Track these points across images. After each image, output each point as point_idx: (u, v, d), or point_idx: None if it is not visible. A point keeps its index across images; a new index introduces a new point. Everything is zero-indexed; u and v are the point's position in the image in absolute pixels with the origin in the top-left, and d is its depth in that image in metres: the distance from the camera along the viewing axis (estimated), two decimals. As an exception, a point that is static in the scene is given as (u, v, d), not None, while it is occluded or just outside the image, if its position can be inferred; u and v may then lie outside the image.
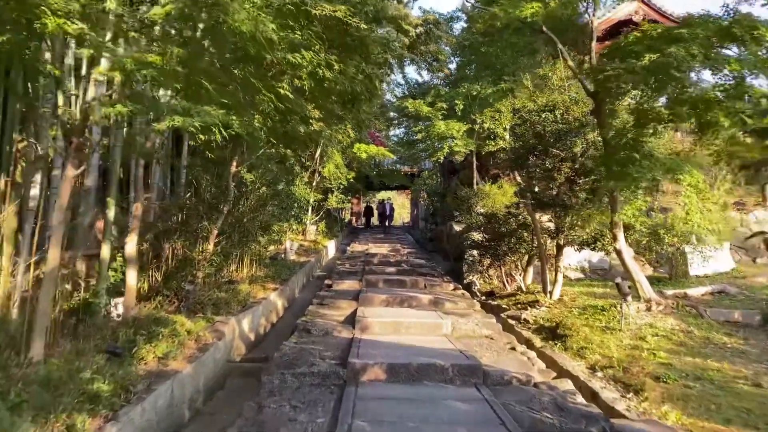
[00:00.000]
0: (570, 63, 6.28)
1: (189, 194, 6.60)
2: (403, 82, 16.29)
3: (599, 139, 7.25)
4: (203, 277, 6.30)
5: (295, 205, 12.14)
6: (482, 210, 12.22)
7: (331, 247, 15.35)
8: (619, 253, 6.43)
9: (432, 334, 5.37)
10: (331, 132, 6.96)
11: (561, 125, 7.44)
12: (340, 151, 14.04)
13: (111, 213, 4.85)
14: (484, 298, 9.25)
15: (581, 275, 11.07)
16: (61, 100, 3.21)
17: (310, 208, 14.44)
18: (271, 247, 11.12)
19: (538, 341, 5.97)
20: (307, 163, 14.00)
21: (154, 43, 3.42)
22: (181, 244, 6.19)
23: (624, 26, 15.36)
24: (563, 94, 7.85)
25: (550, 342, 5.87)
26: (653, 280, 9.13)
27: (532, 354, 4.90)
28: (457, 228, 13.92)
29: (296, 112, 4.96)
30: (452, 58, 14.56)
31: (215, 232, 6.31)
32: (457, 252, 12.75)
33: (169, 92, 3.99)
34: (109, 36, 3.08)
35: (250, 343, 6.11)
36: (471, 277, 10.60)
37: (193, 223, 6.20)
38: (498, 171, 16.10)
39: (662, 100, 6.01)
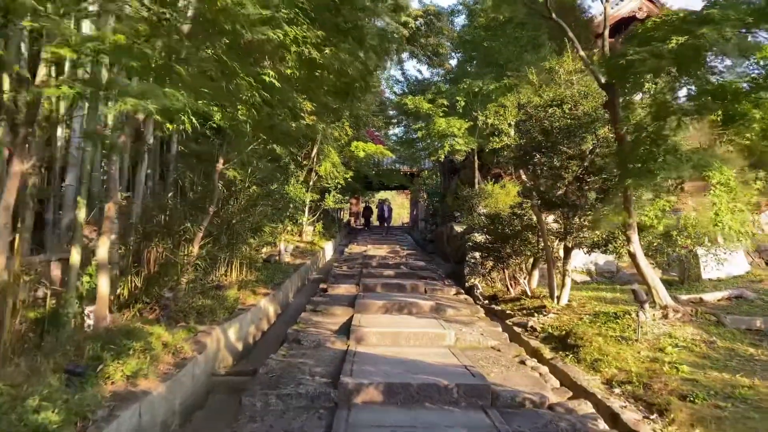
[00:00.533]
0: (581, 53, 5.85)
1: (171, 193, 6.15)
2: (402, 79, 15.85)
3: (611, 135, 6.85)
4: (187, 282, 5.87)
5: (291, 205, 11.71)
6: (484, 210, 11.81)
7: (328, 249, 14.92)
8: (633, 256, 5.99)
9: (434, 346, 4.93)
10: (325, 125, 6.53)
11: (569, 120, 7.02)
12: (337, 149, 13.60)
13: (81, 214, 4.41)
14: (486, 302, 8.85)
15: (587, 278, 10.67)
16: (6, 84, 2.77)
17: (306, 209, 14.01)
18: (266, 249, 10.71)
19: (547, 352, 5.54)
20: (304, 162, 13.57)
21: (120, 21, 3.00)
22: (164, 248, 5.76)
23: (627, 23, 14.99)
24: (571, 88, 7.42)
25: (561, 353, 5.44)
26: (664, 284, 8.71)
27: (544, 369, 4.46)
28: (458, 229, 13.51)
29: (285, 104, 4.53)
30: (453, 54, 14.14)
31: (200, 234, 5.87)
32: (458, 254, 12.33)
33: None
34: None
35: (237, 353, 5.68)
36: (473, 281, 10.19)
37: (176, 225, 5.77)
38: (500, 170, 15.71)
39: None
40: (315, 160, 13.46)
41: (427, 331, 5.14)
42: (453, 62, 14.56)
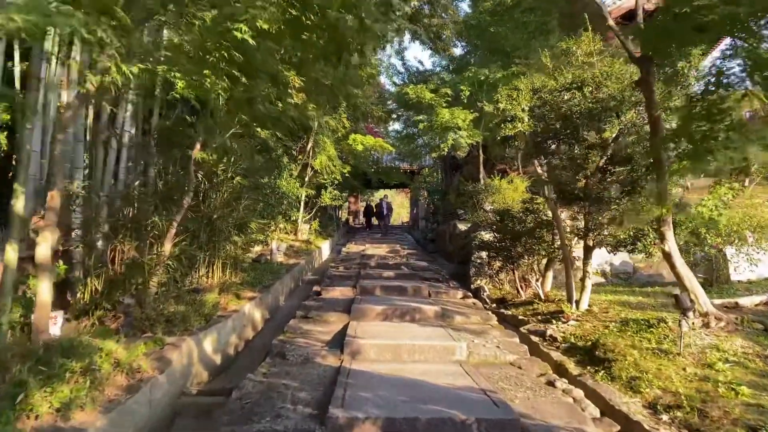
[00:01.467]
0: (611, 21, 5.12)
1: (138, 182, 5.39)
2: (402, 69, 15.07)
3: (639, 119, 6.11)
4: (158, 285, 5.11)
5: (285, 201, 10.95)
6: (490, 207, 11.07)
7: (325, 248, 14.16)
8: (668, 256, 5.25)
9: (442, 362, 4.17)
10: (317, 107, 5.75)
11: (591, 104, 6.27)
12: (333, 141, 12.80)
13: (19, 204, 3.65)
14: (494, 305, 8.13)
15: (602, 279, 9.95)
16: None
17: (302, 206, 13.24)
18: (257, 248, 9.97)
19: (572, 366, 4.79)
20: (299, 157, 12.80)
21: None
22: (130, 245, 5.00)
23: (633, 15, 14.34)
24: (592, 69, 6.67)
25: (589, 368, 4.69)
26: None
27: (579, 393, 3.71)
28: (462, 227, 12.79)
29: (266, 73, 3.77)
30: (457, 42, 13.37)
31: (173, 230, 5.12)
32: (462, 253, 11.58)
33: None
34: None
35: (214, 367, 4.92)
36: (479, 282, 9.46)
37: (145, 219, 5.01)
38: (505, 166, 14.96)
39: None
40: (311, 153, 12.69)
41: (434, 343, 4.37)
42: (457, 50, 13.83)
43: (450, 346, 4.32)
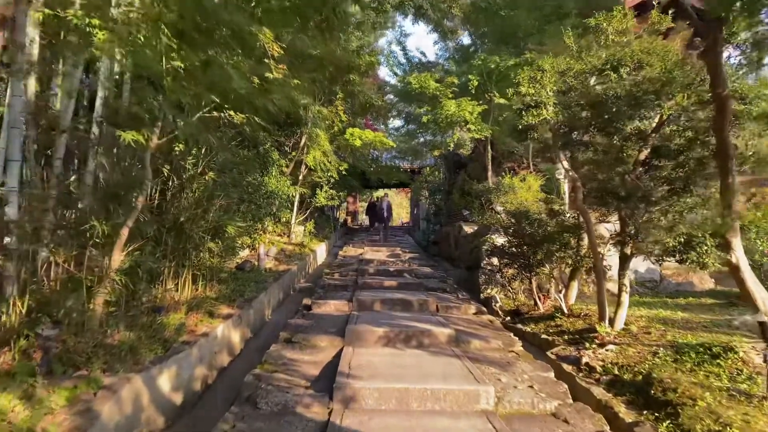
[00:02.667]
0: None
1: (73, 177, 4.38)
2: (404, 60, 14.07)
3: (689, 103, 5.13)
4: (105, 305, 4.11)
5: (276, 201, 9.94)
6: (500, 207, 10.10)
7: (320, 251, 13.16)
8: (735, 269, 4.26)
9: (464, 412, 3.17)
10: (301, 83, 4.75)
11: (631, 87, 5.28)
12: (328, 134, 11.76)
13: None
14: (508, 318, 7.19)
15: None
16: None
17: (295, 206, 12.23)
18: (243, 253, 8.97)
19: (623, 410, 3.79)
20: (292, 154, 11.79)
21: None
22: (66, 256, 3.99)
23: (642, 7, 13.53)
24: (630, 47, 5.68)
25: (646, 413, 3.70)
26: (725, 299, 7.03)
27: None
28: (468, 229, 11.80)
29: (229, 28, 2.77)
30: (464, 29, 12.38)
31: (124, 236, 4.11)
32: (469, 258, 10.59)
33: None
34: None
35: (173, 410, 3.91)
36: (490, 291, 8.51)
37: (85, 223, 4.00)
38: (514, 163, 13.99)
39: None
40: (304, 150, 11.67)
41: (452, 387, 3.34)
42: (464, 40, 12.83)
43: (472, 392, 3.30)
